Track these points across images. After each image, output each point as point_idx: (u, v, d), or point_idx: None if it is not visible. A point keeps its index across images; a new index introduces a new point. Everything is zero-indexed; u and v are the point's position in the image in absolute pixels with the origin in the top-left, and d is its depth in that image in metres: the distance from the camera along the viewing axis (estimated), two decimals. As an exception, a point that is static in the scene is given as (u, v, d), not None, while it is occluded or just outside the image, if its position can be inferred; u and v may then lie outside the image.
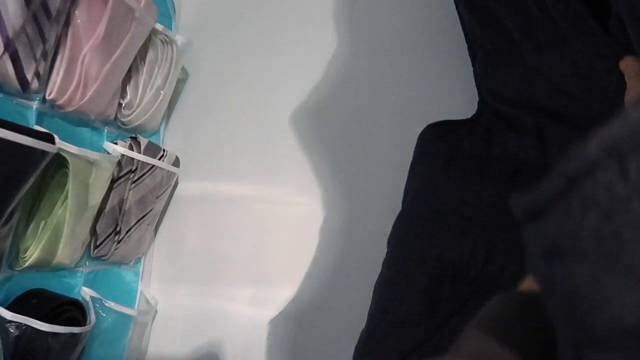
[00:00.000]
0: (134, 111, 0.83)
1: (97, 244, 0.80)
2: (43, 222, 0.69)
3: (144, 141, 0.85)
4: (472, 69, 0.64)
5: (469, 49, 0.64)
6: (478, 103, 0.64)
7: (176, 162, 0.91)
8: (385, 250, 0.61)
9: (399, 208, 0.63)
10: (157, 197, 0.88)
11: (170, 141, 0.97)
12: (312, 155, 0.84)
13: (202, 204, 0.93)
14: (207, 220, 0.92)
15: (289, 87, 0.87)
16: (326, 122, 0.84)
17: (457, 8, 0.63)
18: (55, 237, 0.70)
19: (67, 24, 0.66)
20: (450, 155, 0.60)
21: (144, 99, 0.84)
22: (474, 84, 0.64)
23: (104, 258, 0.83)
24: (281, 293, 0.81)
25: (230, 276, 0.87)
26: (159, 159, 0.86)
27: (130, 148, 0.82)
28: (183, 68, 0.94)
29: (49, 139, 0.61)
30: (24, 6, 0.57)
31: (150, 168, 0.84)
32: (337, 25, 0.85)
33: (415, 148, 0.64)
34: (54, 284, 0.76)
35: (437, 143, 0.62)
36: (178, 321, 0.89)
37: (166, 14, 0.94)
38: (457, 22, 0.65)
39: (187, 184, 0.94)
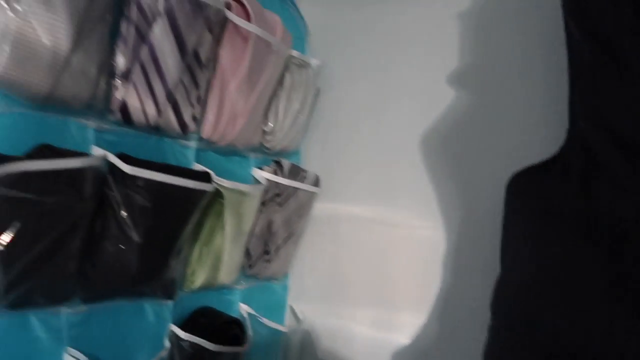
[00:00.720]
0: (276, 136, 0.87)
1: (250, 263, 0.86)
2: (205, 248, 0.75)
3: (286, 164, 0.89)
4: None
5: (570, 70, 0.57)
6: (568, 132, 0.56)
7: (316, 182, 0.94)
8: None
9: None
10: (300, 217, 0.91)
11: (309, 160, 1.00)
12: (438, 179, 0.84)
13: (330, 223, 0.96)
14: (335, 239, 0.96)
15: (416, 108, 0.88)
16: (452, 147, 0.83)
17: (566, 25, 0.56)
18: (216, 262, 0.76)
19: (214, 67, 0.71)
20: (545, 211, 0.54)
21: (284, 124, 0.88)
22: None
23: (257, 276, 0.89)
24: (404, 318, 0.83)
25: (354, 297, 0.91)
26: (301, 181, 0.89)
27: (275, 172, 0.87)
28: (317, 88, 0.96)
29: (206, 178, 0.67)
30: (180, 60, 0.63)
31: (294, 190, 0.88)
32: (461, 53, 0.84)
33: (505, 202, 0.59)
34: (216, 301, 0.83)
35: (529, 197, 0.56)
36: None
37: (299, 36, 0.96)
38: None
39: (319, 202, 0.97)
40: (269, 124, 0.86)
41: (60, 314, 0.59)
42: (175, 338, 0.72)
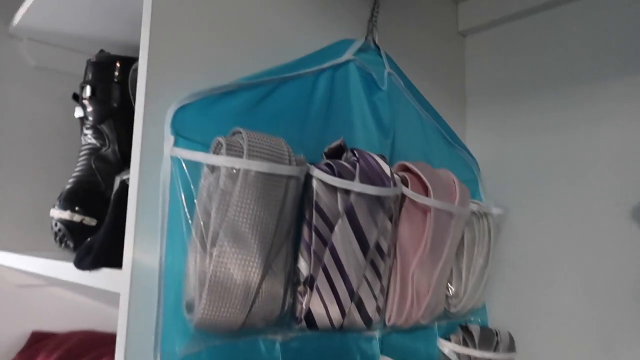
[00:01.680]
0: (461, 300, 0.78)
1: None
2: None
3: (476, 331, 0.78)
4: None
5: None
6: None
7: (511, 345, 0.81)
8: None
9: None
10: (498, 391, 0.78)
11: (496, 314, 0.87)
12: None
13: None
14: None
15: (616, 253, 0.73)
16: None
17: None
18: None
19: (394, 247, 0.66)
20: None
21: (468, 285, 0.78)
22: None
23: None
24: None
25: None
26: (495, 349, 0.77)
27: (464, 342, 0.76)
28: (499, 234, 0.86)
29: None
30: (363, 257, 0.58)
31: (488, 362, 0.76)
32: None
33: None
34: None
35: None
36: None
37: (471, 178, 0.89)
38: None
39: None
40: (452, 288, 0.77)
41: None
42: None
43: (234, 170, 0.48)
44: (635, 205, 0.73)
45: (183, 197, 0.49)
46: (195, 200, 0.49)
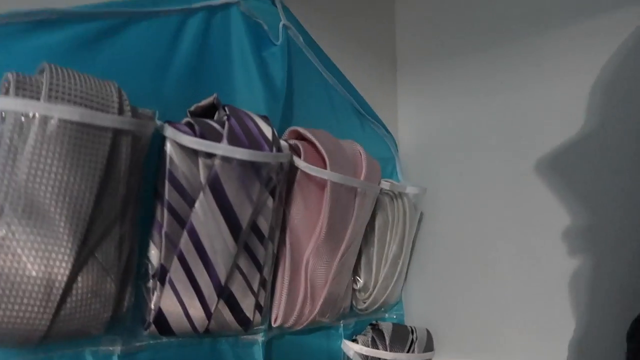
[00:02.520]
0: (370, 294, 0.67)
1: None
2: None
3: (387, 329, 0.67)
4: None
5: None
6: None
7: (429, 344, 0.71)
8: None
9: None
10: (414, 397, 0.68)
11: (414, 309, 0.77)
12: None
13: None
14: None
15: (553, 240, 0.63)
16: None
17: None
18: None
19: (283, 231, 0.54)
20: None
21: (380, 275, 0.67)
22: None
23: None
24: None
25: None
26: (409, 349, 0.67)
27: (373, 344, 0.65)
28: (419, 217, 0.76)
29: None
30: (233, 241, 0.46)
31: (402, 364, 0.66)
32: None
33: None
34: None
35: None
36: None
37: (387, 156, 0.78)
38: None
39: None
40: (360, 280, 0.66)
41: None
42: None
43: (24, 117, 0.34)
44: (570, 174, 0.63)
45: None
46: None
